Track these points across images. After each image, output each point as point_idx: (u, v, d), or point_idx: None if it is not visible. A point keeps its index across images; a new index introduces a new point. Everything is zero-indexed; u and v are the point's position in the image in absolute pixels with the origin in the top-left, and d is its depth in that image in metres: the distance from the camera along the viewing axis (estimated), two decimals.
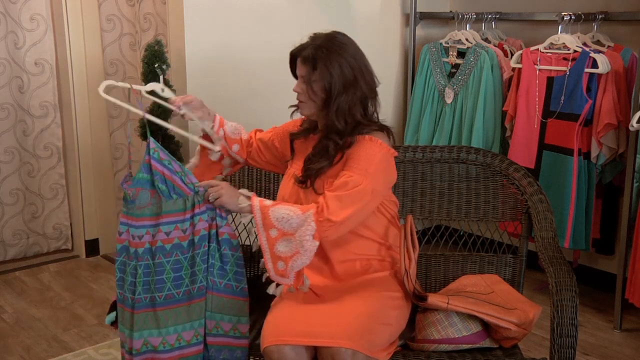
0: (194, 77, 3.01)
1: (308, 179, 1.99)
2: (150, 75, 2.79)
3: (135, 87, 2.08)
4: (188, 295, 1.97)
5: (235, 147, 2.19)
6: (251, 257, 2.36)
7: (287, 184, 2.08)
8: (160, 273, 1.95)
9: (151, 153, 1.98)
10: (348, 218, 1.88)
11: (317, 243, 1.87)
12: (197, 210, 1.97)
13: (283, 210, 1.89)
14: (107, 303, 3.32)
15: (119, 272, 1.99)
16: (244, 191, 1.98)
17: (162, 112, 2.37)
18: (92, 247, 3.98)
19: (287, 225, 1.87)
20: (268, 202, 1.92)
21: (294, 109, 2.10)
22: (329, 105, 1.96)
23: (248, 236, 2.41)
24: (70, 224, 3.96)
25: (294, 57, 2.03)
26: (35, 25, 3.66)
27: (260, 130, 2.25)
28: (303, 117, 2.11)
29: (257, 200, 1.91)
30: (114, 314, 2.11)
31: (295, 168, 2.07)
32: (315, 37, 2.01)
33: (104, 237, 4.00)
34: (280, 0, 3.26)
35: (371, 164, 1.93)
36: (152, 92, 2.16)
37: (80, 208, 3.89)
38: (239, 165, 2.26)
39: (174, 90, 2.85)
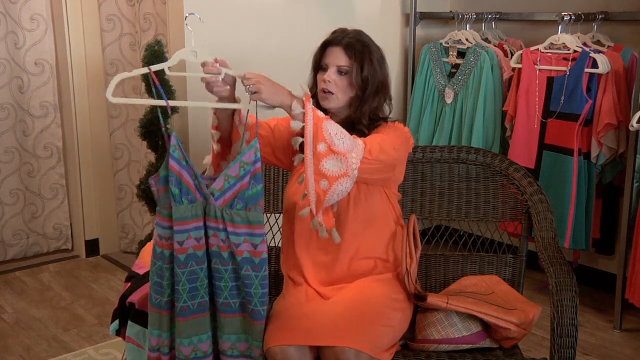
0: (194, 77, 3.00)
1: None
2: (149, 74, 2.78)
3: (154, 67, 1.84)
4: (201, 307, 1.86)
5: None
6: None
7: (296, 183, 2.02)
8: (177, 283, 1.81)
9: (171, 151, 1.76)
10: (384, 161, 1.87)
11: (357, 172, 1.80)
12: (210, 224, 1.80)
13: (336, 126, 1.80)
14: (107, 303, 3.33)
15: (150, 270, 1.89)
16: (298, 93, 1.80)
17: (164, 110, 2.26)
18: (92, 247, 3.98)
19: (339, 142, 1.76)
20: (321, 113, 1.82)
21: None
22: (361, 100, 1.94)
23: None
24: (70, 224, 3.96)
25: (327, 45, 1.96)
26: (35, 25, 3.66)
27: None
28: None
29: (310, 108, 1.78)
30: (117, 322, 2.09)
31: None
32: (346, 30, 1.97)
33: (104, 237, 4.00)
34: (280, 0, 3.26)
35: (391, 134, 1.95)
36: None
37: (80, 208, 3.89)
38: None
39: (172, 89, 2.83)
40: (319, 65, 1.99)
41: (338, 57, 1.94)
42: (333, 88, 1.94)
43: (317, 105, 1.98)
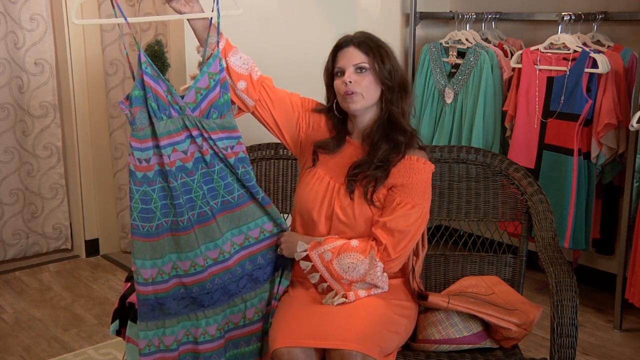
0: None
1: (364, 192, 1.92)
2: None
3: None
4: (202, 217, 1.92)
5: (242, 84, 1.94)
6: None
7: (317, 186, 1.99)
8: (176, 197, 1.86)
9: (143, 67, 1.81)
10: (409, 250, 1.94)
11: (386, 274, 1.92)
12: (194, 133, 1.87)
13: (347, 260, 1.89)
14: (107, 303, 3.33)
15: (130, 200, 1.87)
16: (301, 247, 1.95)
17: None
18: (92, 247, 3.98)
19: (355, 273, 1.89)
20: (327, 254, 1.90)
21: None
22: (393, 96, 1.91)
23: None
24: (70, 224, 3.96)
25: (338, 48, 1.94)
26: (35, 25, 3.66)
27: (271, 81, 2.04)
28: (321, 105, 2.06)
29: (317, 259, 1.91)
30: (117, 322, 2.08)
31: (324, 171, 2.00)
32: (355, 34, 1.95)
33: (104, 237, 4.00)
34: (280, 0, 3.26)
35: (427, 190, 1.96)
36: None
37: (80, 208, 3.89)
38: (242, 113, 2.01)
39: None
40: (333, 73, 1.96)
41: (353, 57, 1.91)
42: (356, 87, 1.90)
43: (339, 110, 1.99)
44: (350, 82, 1.89)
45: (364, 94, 1.91)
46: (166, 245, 1.90)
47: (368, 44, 1.91)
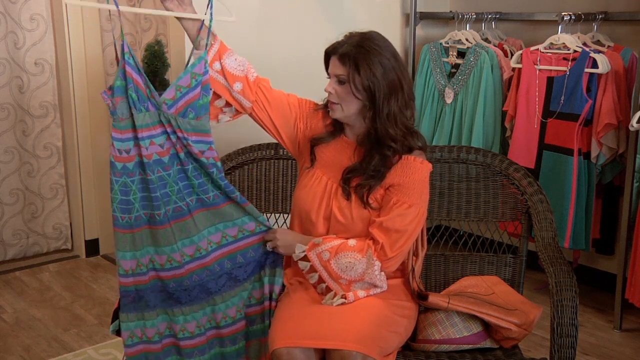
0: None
1: (359, 196, 1.92)
2: (150, 75, 2.78)
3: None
4: (177, 212, 1.90)
5: (237, 86, 1.94)
6: None
7: (315, 187, 1.99)
8: (153, 190, 1.86)
9: (126, 58, 1.79)
10: (406, 249, 1.93)
11: (384, 274, 1.92)
12: (169, 129, 1.87)
13: (344, 260, 1.89)
14: (107, 303, 3.33)
15: (110, 191, 1.87)
16: (299, 248, 1.94)
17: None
18: (92, 247, 3.98)
19: (353, 273, 1.89)
20: (325, 254, 1.90)
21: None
22: (375, 109, 1.87)
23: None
24: (70, 224, 3.96)
25: (329, 55, 1.93)
26: (35, 25, 3.66)
27: (267, 82, 2.04)
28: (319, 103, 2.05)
29: (315, 259, 1.91)
30: (117, 322, 2.08)
31: (322, 172, 2.00)
32: (352, 36, 1.91)
33: (104, 237, 4.00)
34: (279, 0, 3.25)
35: (424, 190, 1.95)
36: None
37: (80, 208, 3.89)
38: (240, 115, 2.02)
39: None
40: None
41: (335, 67, 1.90)
42: (335, 99, 1.91)
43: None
44: (331, 92, 1.91)
45: (342, 106, 1.91)
46: (144, 238, 1.91)
47: (349, 55, 1.86)
